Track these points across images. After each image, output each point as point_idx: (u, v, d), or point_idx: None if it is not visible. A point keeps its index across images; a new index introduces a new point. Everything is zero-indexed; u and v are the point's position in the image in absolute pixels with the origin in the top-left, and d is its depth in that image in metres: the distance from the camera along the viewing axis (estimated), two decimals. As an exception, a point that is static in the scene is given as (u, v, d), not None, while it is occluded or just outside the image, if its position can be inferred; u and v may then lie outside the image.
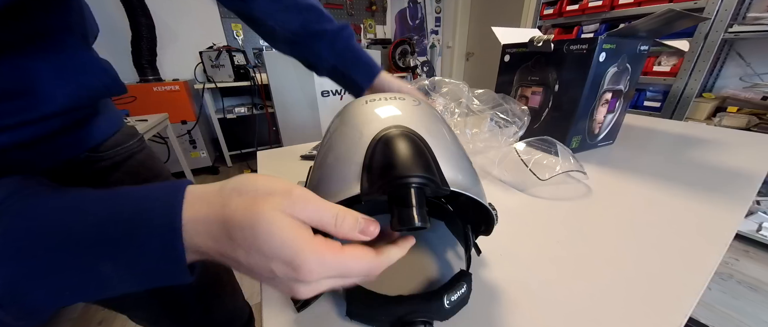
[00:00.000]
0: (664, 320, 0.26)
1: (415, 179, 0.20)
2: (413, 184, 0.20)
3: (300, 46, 0.46)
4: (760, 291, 1.15)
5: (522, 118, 0.62)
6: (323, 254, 0.18)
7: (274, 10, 0.43)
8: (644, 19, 0.49)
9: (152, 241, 0.17)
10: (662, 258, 0.33)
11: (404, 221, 0.20)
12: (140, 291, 0.19)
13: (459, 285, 0.25)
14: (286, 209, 0.18)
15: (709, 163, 0.57)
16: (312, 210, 0.19)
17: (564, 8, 1.86)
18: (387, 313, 0.24)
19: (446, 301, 0.24)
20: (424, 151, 0.22)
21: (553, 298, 0.28)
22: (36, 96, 0.26)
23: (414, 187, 0.20)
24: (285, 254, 0.17)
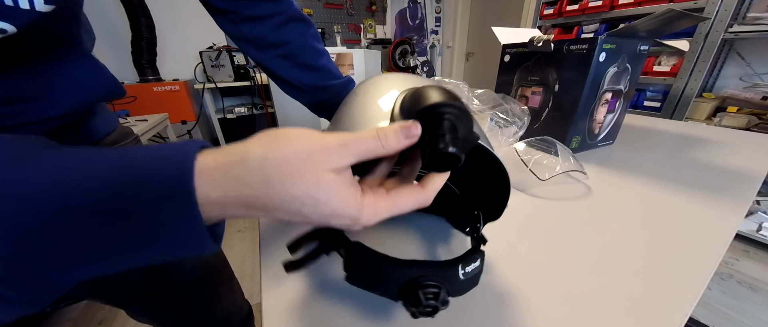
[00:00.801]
0: (664, 320, 0.26)
1: (449, 109, 0.19)
2: (446, 113, 0.19)
3: (309, 96, 0.50)
4: (760, 291, 1.15)
5: (522, 118, 0.62)
6: (376, 206, 0.19)
7: (288, 66, 0.48)
8: (644, 19, 0.49)
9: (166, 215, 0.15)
10: (662, 258, 0.33)
11: (442, 145, 0.18)
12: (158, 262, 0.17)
13: (473, 258, 0.23)
14: (330, 164, 0.17)
15: (709, 163, 0.57)
16: (354, 149, 0.18)
17: (564, 8, 1.85)
18: (396, 277, 0.22)
19: (461, 272, 0.22)
20: (455, 95, 0.20)
21: (553, 297, 0.28)
22: (44, 101, 0.29)
23: (447, 117, 0.19)
24: (344, 213, 0.18)
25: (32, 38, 0.26)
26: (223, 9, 0.44)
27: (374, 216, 0.19)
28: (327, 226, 0.19)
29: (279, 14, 0.45)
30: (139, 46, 1.94)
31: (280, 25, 0.45)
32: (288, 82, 0.49)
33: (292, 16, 0.46)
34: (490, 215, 0.30)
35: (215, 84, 2.13)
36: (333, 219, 0.18)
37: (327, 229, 0.25)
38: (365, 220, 0.19)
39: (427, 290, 0.21)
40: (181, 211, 0.15)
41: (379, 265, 0.22)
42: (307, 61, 0.48)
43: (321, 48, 0.50)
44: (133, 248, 0.16)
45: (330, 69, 0.50)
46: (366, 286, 0.23)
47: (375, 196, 0.19)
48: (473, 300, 0.28)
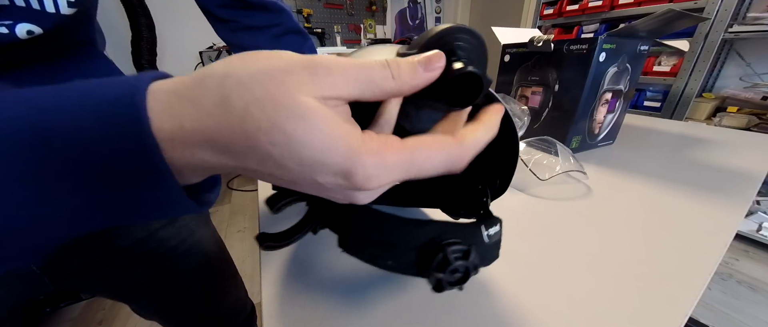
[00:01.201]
0: (664, 320, 0.26)
1: (464, 36, 0.15)
2: (460, 41, 0.15)
3: None
4: (760, 291, 1.15)
5: (522, 118, 0.62)
6: (384, 154, 0.13)
7: None
8: (644, 19, 0.49)
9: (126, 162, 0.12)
10: (662, 258, 0.33)
11: (462, 65, 0.14)
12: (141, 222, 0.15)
13: (493, 220, 0.20)
14: (318, 91, 0.12)
15: (709, 163, 0.57)
16: (353, 73, 0.13)
17: (564, 8, 1.86)
18: (413, 237, 0.17)
19: (485, 234, 0.18)
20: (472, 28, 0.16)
21: (553, 297, 0.28)
22: None
23: (461, 45, 0.15)
24: (335, 163, 0.12)
25: (54, 39, 0.27)
26: (224, 18, 0.45)
27: (382, 170, 0.13)
28: (311, 188, 0.14)
29: (277, 25, 0.46)
30: (139, 46, 1.93)
31: (278, 36, 0.47)
32: None
33: (289, 29, 0.47)
34: (497, 191, 0.26)
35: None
36: (317, 172, 0.13)
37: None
38: (366, 176, 0.13)
39: (453, 248, 0.16)
40: (133, 142, 0.12)
41: (389, 227, 0.17)
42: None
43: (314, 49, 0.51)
44: (87, 199, 0.12)
45: None
46: (372, 258, 0.18)
47: (382, 141, 0.13)
48: (473, 300, 0.28)
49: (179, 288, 0.47)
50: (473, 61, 0.15)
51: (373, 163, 0.13)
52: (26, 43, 0.24)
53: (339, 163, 0.12)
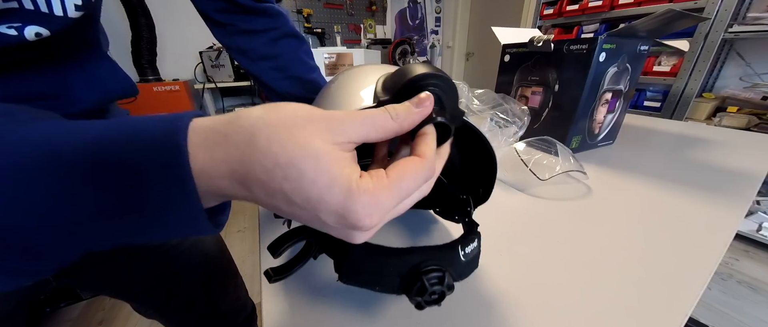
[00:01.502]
0: (664, 320, 0.26)
1: (435, 80, 0.18)
2: (432, 85, 0.18)
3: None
4: (760, 291, 1.15)
5: (522, 118, 0.62)
6: (377, 193, 0.15)
7: (279, 78, 0.49)
8: (644, 19, 0.49)
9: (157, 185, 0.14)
10: (662, 258, 0.33)
11: (432, 115, 0.17)
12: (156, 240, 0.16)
13: (470, 238, 0.22)
14: (329, 135, 0.15)
15: (709, 163, 0.57)
16: (361, 120, 0.16)
17: (564, 8, 1.86)
18: (395, 267, 0.20)
19: (461, 253, 0.21)
20: (438, 68, 0.19)
21: (553, 297, 0.28)
22: (65, 99, 0.31)
23: (432, 89, 0.18)
24: (334, 201, 0.14)
25: (61, 41, 0.28)
26: (222, 22, 0.46)
27: (375, 207, 0.15)
28: (313, 222, 0.15)
29: (274, 29, 0.47)
30: (139, 46, 1.94)
31: (275, 40, 0.47)
32: (276, 92, 0.50)
33: (286, 33, 0.48)
34: (479, 199, 0.30)
35: (215, 84, 2.13)
36: (320, 208, 0.14)
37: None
38: (360, 214, 0.14)
39: (430, 276, 0.19)
40: (170, 173, 0.13)
41: (375, 258, 0.20)
42: (297, 73, 0.49)
43: (313, 64, 0.51)
44: (120, 214, 0.14)
45: (319, 82, 0.51)
46: (363, 284, 0.21)
47: (373, 179, 0.15)
48: (473, 300, 0.28)
49: (180, 286, 0.47)
50: (444, 105, 0.18)
51: (368, 203, 0.15)
52: (34, 45, 0.25)
53: (338, 202, 0.14)
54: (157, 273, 0.44)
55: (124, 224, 0.14)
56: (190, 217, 0.15)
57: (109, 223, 0.14)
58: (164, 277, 0.45)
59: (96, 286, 0.42)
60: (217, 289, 0.52)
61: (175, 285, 0.46)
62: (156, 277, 0.44)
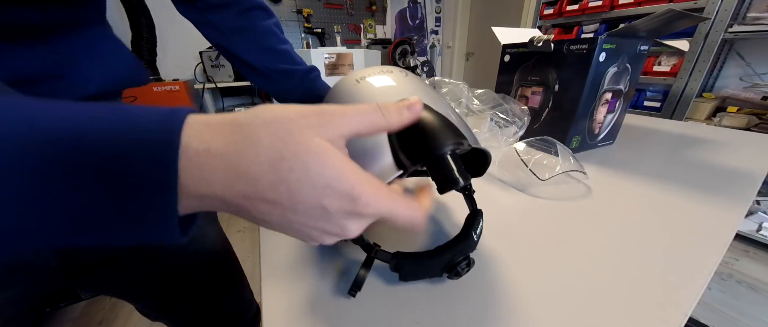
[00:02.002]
0: (664, 320, 0.26)
1: (450, 147, 0.22)
2: (449, 152, 0.22)
3: (272, 81, 0.50)
4: (760, 291, 1.15)
5: (522, 118, 0.62)
6: (379, 187, 0.17)
7: (250, 48, 0.48)
8: (644, 19, 0.49)
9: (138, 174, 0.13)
10: (662, 258, 0.33)
11: (451, 184, 0.22)
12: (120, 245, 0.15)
13: (477, 220, 0.30)
14: (325, 133, 0.16)
15: (709, 163, 0.57)
16: (352, 117, 0.17)
17: (564, 8, 1.86)
18: (437, 263, 0.27)
19: (474, 235, 0.29)
20: (443, 118, 0.23)
21: (553, 297, 0.28)
22: (72, 79, 0.29)
23: (450, 154, 0.22)
24: (342, 187, 0.15)
25: (65, 14, 0.26)
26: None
27: (376, 198, 0.16)
28: (310, 214, 0.16)
29: (244, 1, 0.47)
30: (139, 46, 1.94)
31: (245, 11, 0.47)
32: (249, 65, 0.49)
33: (255, 4, 0.48)
34: (475, 173, 0.33)
35: (215, 84, 2.13)
36: (326, 195, 0.15)
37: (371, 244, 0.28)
38: (366, 200, 0.16)
39: (461, 264, 0.27)
40: (157, 151, 0.13)
41: (423, 262, 0.28)
42: (269, 44, 0.49)
43: (283, 37, 0.51)
44: (96, 202, 0.12)
45: (292, 55, 0.50)
46: (416, 279, 0.29)
47: (377, 179, 0.17)
48: (472, 300, 0.28)
49: (186, 286, 0.47)
50: (458, 162, 0.23)
51: (371, 192, 0.16)
52: (34, 15, 0.23)
53: (347, 189, 0.15)
54: (164, 273, 0.43)
55: (91, 217, 0.13)
56: (162, 206, 0.13)
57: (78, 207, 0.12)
58: (171, 276, 0.44)
59: (103, 286, 0.42)
60: (225, 290, 0.52)
61: (181, 285, 0.46)
62: (163, 277, 0.44)
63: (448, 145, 0.22)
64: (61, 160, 0.12)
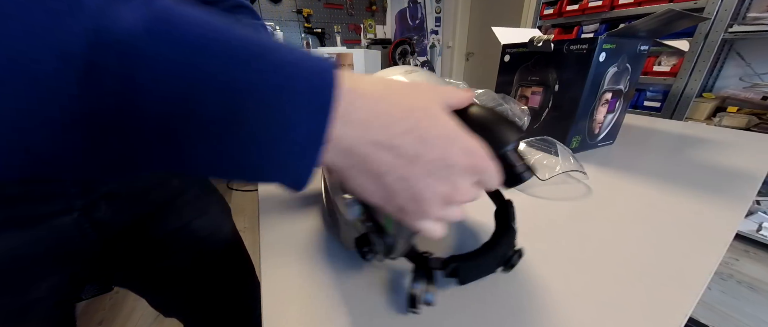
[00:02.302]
0: (664, 320, 0.26)
1: (514, 142, 0.23)
2: (510, 149, 0.23)
3: None
4: (760, 291, 1.15)
5: (522, 118, 0.62)
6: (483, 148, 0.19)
7: None
8: (644, 19, 0.49)
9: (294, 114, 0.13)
10: (662, 258, 0.33)
11: (517, 180, 0.22)
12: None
13: (512, 210, 0.31)
14: (440, 102, 0.18)
15: (709, 163, 0.57)
16: (451, 93, 0.20)
17: (564, 8, 1.86)
18: (493, 259, 0.28)
19: (514, 226, 0.30)
20: (502, 113, 0.24)
21: (553, 297, 0.28)
22: None
23: (511, 150, 0.23)
24: (465, 140, 0.17)
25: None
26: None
27: (485, 155, 0.19)
28: (440, 165, 0.17)
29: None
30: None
31: (230, 8, 0.47)
32: None
33: (241, 4, 0.48)
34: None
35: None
36: (453, 143, 0.17)
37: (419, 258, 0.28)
38: (482, 153, 0.18)
39: (513, 256, 0.29)
40: (320, 82, 0.13)
41: (479, 262, 0.28)
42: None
43: (267, 34, 0.50)
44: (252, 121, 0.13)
45: None
46: (474, 279, 0.29)
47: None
48: (472, 300, 0.28)
49: (207, 276, 0.48)
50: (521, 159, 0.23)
51: (483, 150, 0.18)
52: None
53: (469, 144, 0.18)
54: (187, 264, 0.44)
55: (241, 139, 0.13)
56: (313, 136, 0.14)
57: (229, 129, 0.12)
58: (194, 267, 0.45)
59: (128, 278, 0.43)
60: (239, 279, 0.53)
61: (203, 274, 0.47)
62: (186, 268, 0.45)
63: (512, 141, 0.22)
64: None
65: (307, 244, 0.36)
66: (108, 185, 0.32)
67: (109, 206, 0.33)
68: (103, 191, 0.32)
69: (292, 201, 0.47)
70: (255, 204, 0.47)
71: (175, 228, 0.42)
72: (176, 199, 0.42)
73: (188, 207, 0.43)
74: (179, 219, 0.42)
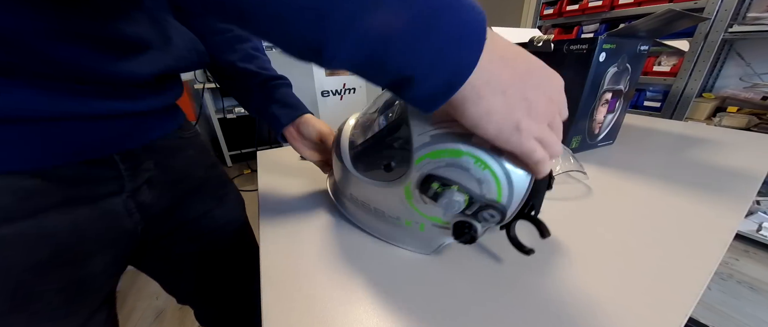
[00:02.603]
0: (664, 320, 0.26)
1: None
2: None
3: (236, 81, 0.49)
4: (760, 291, 1.15)
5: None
6: None
7: (224, 49, 0.47)
8: (644, 19, 0.49)
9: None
10: (662, 258, 0.33)
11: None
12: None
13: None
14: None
15: (709, 163, 0.57)
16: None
17: (564, 8, 1.86)
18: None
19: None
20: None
21: (553, 298, 0.28)
22: (166, 51, 0.32)
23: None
24: (558, 83, 0.25)
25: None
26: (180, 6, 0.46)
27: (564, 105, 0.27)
28: (526, 92, 0.22)
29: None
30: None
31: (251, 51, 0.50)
32: (219, 64, 0.49)
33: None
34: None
35: (215, 84, 2.13)
36: (547, 78, 0.24)
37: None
38: (563, 103, 0.27)
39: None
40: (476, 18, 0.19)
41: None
42: (242, 47, 0.49)
43: (258, 44, 0.51)
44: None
45: (262, 61, 0.50)
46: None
47: None
48: (471, 300, 0.28)
49: (223, 262, 0.51)
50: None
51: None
52: None
53: (559, 96, 0.25)
54: (207, 250, 0.47)
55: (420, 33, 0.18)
56: (471, 49, 0.19)
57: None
58: (212, 253, 0.48)
59: (150, 262, 0.45)
60: (251, 266, 0.55)
61: (219, 261, 0.50)
62: (206, 253, 0.47)
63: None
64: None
65: (307, 244, 0.36)
66: (150, 172, 0.36)
67: (151, 190, 0.36)
68: (146, 177, 0.35)
69: (292, 201, 0.47)
70: (255, 204, 0.47)
71: (199, 214, 0.45)
72: (201, 188, 0.45)
73: (210, 196, 0.46)
74: (203, 206, 0.45)
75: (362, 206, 0.36)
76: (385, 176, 0.32)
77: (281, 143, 0.51)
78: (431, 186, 0.27)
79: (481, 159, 0.25)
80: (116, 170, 0.31)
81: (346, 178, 0.37)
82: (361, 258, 0.34)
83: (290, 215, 0.43)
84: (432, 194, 0.27)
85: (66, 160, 0.27)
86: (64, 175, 0.27)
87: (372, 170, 0.34)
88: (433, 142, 0.27)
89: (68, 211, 0.28)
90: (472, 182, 0.26)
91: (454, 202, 0.27)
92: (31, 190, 0.25)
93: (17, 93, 0.22)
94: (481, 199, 0.26)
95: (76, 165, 0.28)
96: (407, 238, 0.34)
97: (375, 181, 0.33)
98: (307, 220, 0.41)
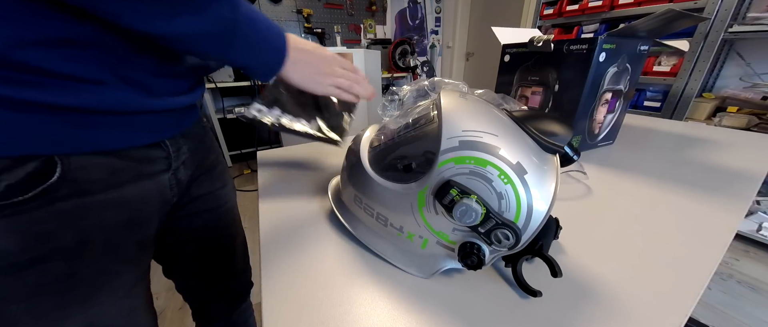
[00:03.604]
0: (664, 320, 0.26)
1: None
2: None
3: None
4: (760, 291, 1.15)
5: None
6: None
7: None
8: (644, 19, 0.49)
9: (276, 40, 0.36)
10: (662, 258, 0.33)
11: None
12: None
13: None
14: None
15: (709, 163, 0.57)
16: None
17: (564, 8, 1.85)
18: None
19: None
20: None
21: (553, 298, 0.28)
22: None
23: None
24: (332, 59, 0.43)
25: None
26: None
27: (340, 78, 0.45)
28: (328, 61, 0.43)
29: None
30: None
31: None
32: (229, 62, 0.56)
33: None
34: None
35: (215, 84, 2.13)
36: (337, 60, 0.44)
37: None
38: (345, 62, 0.46)
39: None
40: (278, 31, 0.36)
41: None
42: None
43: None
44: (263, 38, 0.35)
45: None
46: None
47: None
48: (471, 301, 0.28)
49: (221, 238, 0.57)
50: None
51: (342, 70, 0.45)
52: None
53: (336, 57, 0.44)
54: (209, 225, 0.53)
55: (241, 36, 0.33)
56: (279, 45, 0.37)
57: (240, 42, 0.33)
58: (212, 229, 0.54)
59: (162, 234, 0.48)
60: (242, 247, 0.63)
61: (217, 237, 0.56)
62: (207, 229, 0.53)
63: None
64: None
65: (307, 244, 0.36)
66: (185, 154, 0.43)
67: (185, 169, 0.43)
68: (183, 159, 0.42)
69: (292, 201, 0.47)
70: (255, 204, 0.48)
71: (206, 192, 0.51)
72: (212, 170, 0.51)
73: (217, 177, 0.53)
74: (210, 185, 0.51)
75: (366, 209, 0.35)
76: (402, 178, 0.31)
77: (281, 143, 0.53)
78: (449, 192, 0.26)
79: (505, 172, 0.25)
80: (166, 151, 0.39)
81: (357, 176, 0.35)
82: (361, 258, 0.34)
83: (290, 215, 0.43)
84: (448, 201, 0.26)
85: (141, 143, 0.35)
86: (135, 156, 0.35)
87: (389, 170, 0.32)
88: (460, 147, 0.26)
89: (138, 184, 0.35)
90: (492, 196, 0.25)
91: (471, 211, 0.25)
92: (117, 167, 0.33)
93: (112, 92, 0.29)
94: (499, 216, 0.25)
95: (143, 147, 0.35)
96: (405, 257, 0.33)
97: (389, 182, 0.32)
98: (308, 221, 0.41)
